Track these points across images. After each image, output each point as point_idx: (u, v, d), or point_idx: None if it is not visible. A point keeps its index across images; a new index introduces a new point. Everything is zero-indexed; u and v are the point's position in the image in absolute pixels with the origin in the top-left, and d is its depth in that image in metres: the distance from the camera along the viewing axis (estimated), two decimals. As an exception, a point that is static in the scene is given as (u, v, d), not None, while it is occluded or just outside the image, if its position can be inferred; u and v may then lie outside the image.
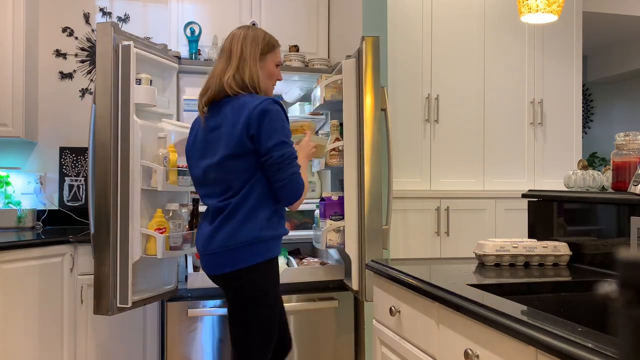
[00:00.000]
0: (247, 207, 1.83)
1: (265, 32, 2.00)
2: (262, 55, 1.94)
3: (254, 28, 2.00)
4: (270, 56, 1.97)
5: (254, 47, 1.93)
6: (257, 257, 1.84)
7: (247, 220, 1.83)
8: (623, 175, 1.68)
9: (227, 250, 1.82)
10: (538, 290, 1.46)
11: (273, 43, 2.00)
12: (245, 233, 1.82)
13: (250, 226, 1.83)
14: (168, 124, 2.47)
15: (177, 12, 3.09)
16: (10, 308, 2.46)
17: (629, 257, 0.46)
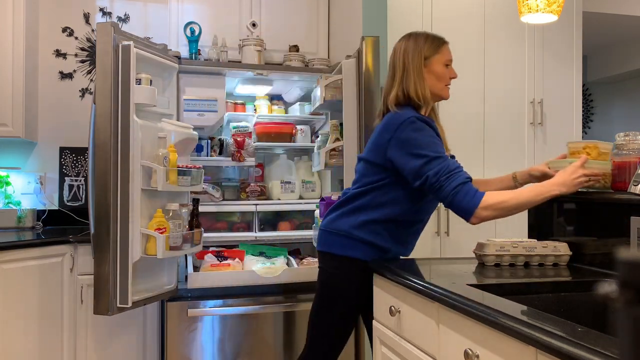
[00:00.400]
0: (358, 202, 1.87)
1: (427, 34, 1.92)
2: (426, 60, 1.88)
3: (415, 35, 1.92)
4: (435, 58, 1.89)
5: (416, 55, 1.87)
6: (339, 248, 1.89)
7: (351, 214, 1.88)
8: (623, 175, 1.68)
9: (326, 231, 1.93)
10: (538, 290, 1.46)
11: (436, 43, 1.91)
12: (343, 223, 1.89)
13: (349, 220, 1.88)
14: (168, 124, 2.47)
15: (177, 12, 3.09)
16: (10, 308, 2.46)
17: (629, 257, 0.46)
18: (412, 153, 1.74)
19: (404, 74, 1.86)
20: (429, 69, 1.88)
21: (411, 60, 1.86)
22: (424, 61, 1.87)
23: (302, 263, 2.84)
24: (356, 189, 1.90)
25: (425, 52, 1.87)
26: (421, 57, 1.87)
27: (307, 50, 3.23)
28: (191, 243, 2.45)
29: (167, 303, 2.59)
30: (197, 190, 2.56)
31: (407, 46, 1.89)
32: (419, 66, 1.86)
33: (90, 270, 2.42)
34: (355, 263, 1.88)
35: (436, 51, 1.89)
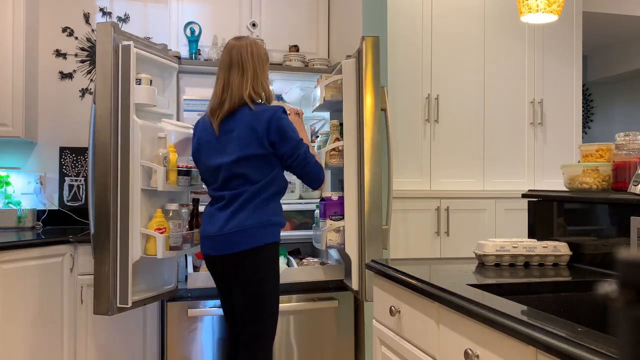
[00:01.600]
0: (263, 196, 2.07)
1: (261, 44, 2.24)
2: (266, 65, 2.19)
3: (251, 41, 2.18)
4: (267, 66, 2.21)
5: (261, 60, 2.16)
6: (266, 238, 2.06)
7: (263, 207, 2.07)
8: (623, 175, 1.68)
9: (243, 229, 2.04)
10: (538, 290, 1.46)
11: (266, 54, 2.24)
12: (260, 216, 2.06)
13: (264, 211, 2.07)
14: (168, 124, 2.47)
15: (177, 12, 3.09)
16: (10, 308, 2.46)
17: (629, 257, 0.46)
18: (289, 137, 2.09)
19: (255, 73, 2.13)
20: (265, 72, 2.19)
21: (258, 61, 2.14)
22: (265, 65, 2.18)
23: (302, 263, 2.84)
24: (255, 185, 2.09)
25: (265, 60, 2.19)
26: (265, 62, 2.19)
27: (307, 50, 3.23)
28: (191, 243, 2.45)
29: (167, 303, 2.59)
30: (197, 190, 2.55)
31: (252, 49, 2.14)
32: (264, 70, 2.17)
33: (90, 270, 2.42)
34: (275, 245, 2.12)
35: (267, 61, 2.22)
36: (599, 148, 1.81)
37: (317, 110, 2.94)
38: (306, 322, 2.74)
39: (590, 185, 1.78)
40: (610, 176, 1.75)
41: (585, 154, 1.85)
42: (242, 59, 2.12)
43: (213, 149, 2.12)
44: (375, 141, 2.44)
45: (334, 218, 2.56)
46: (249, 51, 2.13)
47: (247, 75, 2.11)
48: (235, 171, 2.06)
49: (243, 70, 2.11)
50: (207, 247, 2.11)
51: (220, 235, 2.05)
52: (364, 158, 2.43)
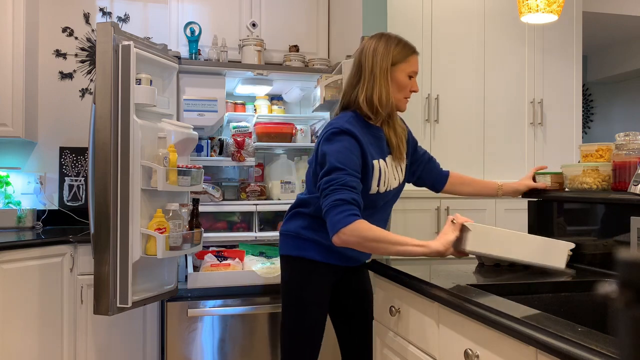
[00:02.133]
0: (305, 206, 1.87)
1: (400, 39, 1.84)
2: (393, 66, 1.80)
3: (387, 37, 1.84)
4: (401, 66, 1.81)
5: (384, 58, 1.79)
6: (291, 249, 1.88)
7: (298, 216, 1.89)
8: (623, 175, 1.68)
9: (281, 234, 1.95)
10: (538, 290, 1.46)
11: (406, 51, 1.82)
12: (292, 225, 1.90)
13: (297, 221, 1.89)
14: (168, 124, 2.47)
15: (177, 12, 3.09)
16: (10, 308, 2.46)
17: (629, 257, 0.46)
18: (322, 162, 1.71)
19: (371, 76, 1.78)
20: (391, 76, 1.80)
21: (380, 62, 1.78)
22: (390, 67, 1.79)
23: (302, 263, 2.84)
24: (306, 194, 1.90)
25: (393, 58, 1.79)
26: (389, 61, 1.78)
27: (307, 50, 3.23)
28: (191, 243, 2.45)
29: (167, 303, 2.59)
30: (197, 190, 2.55)
31: (377, 47, 1.80)
32: (386, 70, 1.78)
33: (90, 270, 2.42)
34: (306, 262, 1.86)
35: (404, 59, 1.81)
36: (599, 148, 1.81)
37: (317, 110, 2.94)
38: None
39: (590, 185, 1.78)
40: (610, 176, 1.75)
41: (585, 154, 1.86)
42: (360, 56, 1.85)
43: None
44: (375, 141, 2.44)
45: (334, 218, 2.55)
46: (372, 48, 1.81)
47: (363, 76, 1.82)
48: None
49: (361, 71, 1.83)
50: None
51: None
52: (364, 158, 2.42)
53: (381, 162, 1.80)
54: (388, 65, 1.78)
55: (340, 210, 1.59)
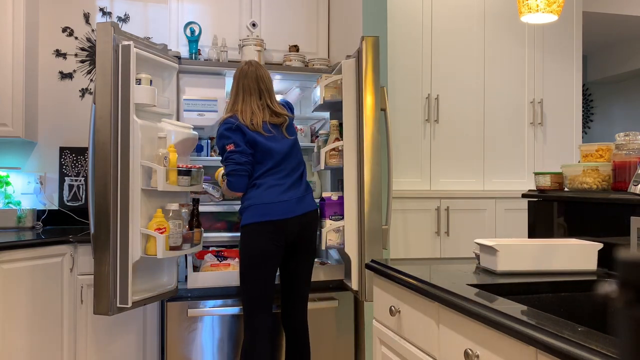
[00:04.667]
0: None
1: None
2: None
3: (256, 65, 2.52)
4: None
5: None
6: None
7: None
8: (623, 175, 1.68)
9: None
10: (538, 290, 1.46)
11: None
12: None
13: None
14: (168, 124, 2.47)
15: (177, 12, 3.09)
16: (10, 308, 2.46)
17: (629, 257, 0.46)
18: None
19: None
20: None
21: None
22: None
23: (302, 263, 2.84)
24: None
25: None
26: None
27: (307, 50, 3.23)
28: (191, 243, 2.45)
29: (167, 303, 2.59)
30: (197, 190, 2.56)
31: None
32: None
33: (90, 270, 2.42)
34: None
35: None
36: (599, 148, 1.81)
37: (317, 110, 2.94)
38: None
39: (590, 185, 1.78)
40: (610, 176, 1.75)
41: (585, 154, 1.86)
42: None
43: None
44: (375, 141, 2.44)
45: (333, 218, 2.56)
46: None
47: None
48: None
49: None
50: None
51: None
52: (364, 158, 2.43)
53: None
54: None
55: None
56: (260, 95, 2.47)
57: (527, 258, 1.59)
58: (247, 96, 2.46)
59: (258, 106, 2.44)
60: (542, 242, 1.64)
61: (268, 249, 2.32)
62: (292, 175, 2.45)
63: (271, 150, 2.40)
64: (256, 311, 2.35)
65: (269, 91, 2.50)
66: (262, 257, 2.32)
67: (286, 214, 2.34)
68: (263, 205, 2.33)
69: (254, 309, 2.35)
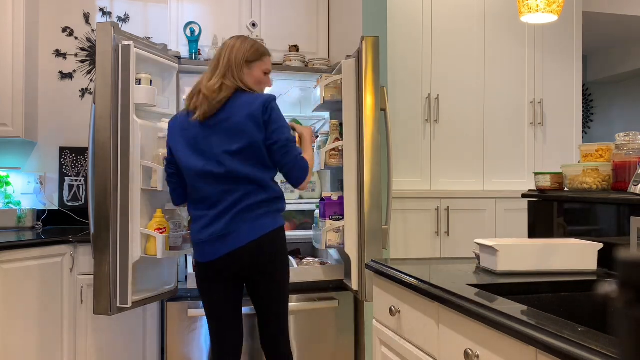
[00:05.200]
0: (266, 189, 2.16)
1: (255, 42, 2.16)
2: (248, 63, 2.09)
3: (244, 38, 2.15)
4: (257, 64, 2.12)
5: (240, 55, 2.09)
6: (279, 221, 2.16)
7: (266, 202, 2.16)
8: (623, 175, 1.68)
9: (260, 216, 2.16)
10: (538, 290, 1.46)
11: (261, 51, 2.14)
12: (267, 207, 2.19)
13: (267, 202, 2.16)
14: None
15: (177, 12, 3.09)
16: (10, 308, 2.46)
17: (629, 257, 0.46)
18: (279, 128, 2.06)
19: (227, 66, 2.05)
20: (249, 72, 2.10)
21: (235, 57, 2.07)
22: (245, 63, 2.08)
23: (302, 263, 2.84)
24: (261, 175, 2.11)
25: (248, 56, 2.09)
26: (244, 57, 2.08)
27: (307, 50, 3.23)
28: (191, 243, 2.45)
29: (167, 303, 2.59)
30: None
31: (234, 44, 2.09)
32: (241, 64, 2.08)
33: (90, 270, 2.42)
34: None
35: (259, 58, 2.12)
36: (599, 148, 1.81)
37: (317, 110, 2.94)
38: (306, 322, 2.74)
39: (590, 185, 1.78)
40: (610, 176, 1.75)
41: (585, 154, 1.86)
42: (220, 52, 2.18)
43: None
44: (375, 141, 2.44)
45: (333, 218, 2.56)
46: (230, 45, 2.15)
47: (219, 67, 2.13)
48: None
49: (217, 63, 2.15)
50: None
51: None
52: (364, 158, 2.43)
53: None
54: (243, 60, 2.09)
55: (304, 161, 2.08)
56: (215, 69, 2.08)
57: (527, 258, 1.59)
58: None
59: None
60: (542, 242, 1.64)
61: (203, 288, 2.12)
62: (221, 202, 1.99)
63: (188, 167, 2.04)
64: (215, 339, 2.17)
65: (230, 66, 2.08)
66: (203, 295, 2.14)
67: (206, 257, 2.02)
68: (194, 244, 2.08)
69: (212, 333, 2.17)
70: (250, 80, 2.08)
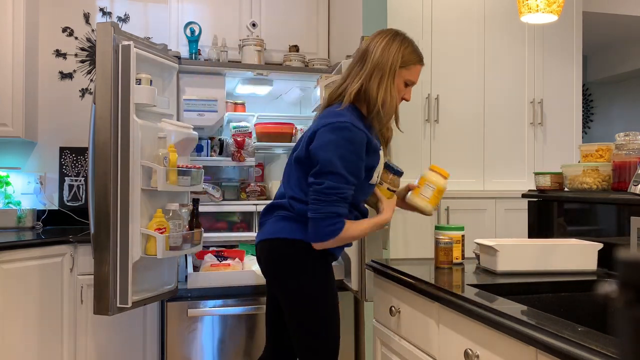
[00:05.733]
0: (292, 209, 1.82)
1: (414, 44, 1.79)
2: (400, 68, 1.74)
3: (402, 37, 1.78)
4: (404, 71, 1.76)
5: (397, 58, 1.72)
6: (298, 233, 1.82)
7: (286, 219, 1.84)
8: (623, 175, 1.68)
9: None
10: (538, 290, 1.46)
11: (415, 58, 1.77)
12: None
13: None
14: (168, 124, 2.47)
15: (177, 12, 3.09)
16: (10, 308, 2.46)
17: (629, 257, 0.46)
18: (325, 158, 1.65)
19: (374, 70, 1.71)
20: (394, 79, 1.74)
21: (390, 59, 1.71)
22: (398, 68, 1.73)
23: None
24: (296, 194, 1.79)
25: (403, 59, 1.73)
26: (398, 62, 1.72)
27: (307, 50, 3.23)
28: (191, 243, 2.45)
29: (167, 303, 2.59)
30: (197, 190, 2.56)
31: (391, 44, 1.73)
32: (394, 70, 1.72)
33: (90, 270, 2.41)
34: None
35: (410, 64, 1.75)
36: (599, 148, 1.81)
37: (317, 110, 2.94)
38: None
39: (590, 185, 1.78)
40: (610, 176, 1.75)
41: (585, 154, 1.86)
42: (368, 48, 1.77)
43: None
44: (375, 141, 2.44)
45: (334, 218, 2.55)
46: (383, 43, 1.74)
47: (365, 69, 1.75)
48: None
49: (364, 62, 1.76)
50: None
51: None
52: (364, 158, 2.42)
53: (381, 152, 1.81)
54: (397, 66, 1.72)
55: (332, 223, 1.65)
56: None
57: (527, 258, 1.59)
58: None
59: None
60: (542, 242, 1.64)
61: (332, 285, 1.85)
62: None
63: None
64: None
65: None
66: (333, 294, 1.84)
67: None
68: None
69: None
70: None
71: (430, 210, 1.88)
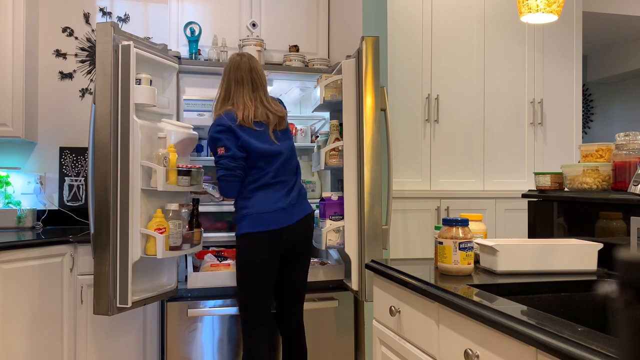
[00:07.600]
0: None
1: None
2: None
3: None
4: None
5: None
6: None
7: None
8: (623, 175, 1.68)
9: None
10: (538, 290, 1.46)
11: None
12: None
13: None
14: (168, 124, 2.47)
15: (177, 12, 3.09)
16: (10, 308, 2.46)
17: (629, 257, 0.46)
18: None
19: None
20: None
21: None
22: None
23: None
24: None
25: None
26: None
27: (307, 50, 3.23)
28: (191, 243, 2.45)
29: (167, 303, 2.59)
30: (197, 190, 2.56)
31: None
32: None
33: (90, 270, 2.42)
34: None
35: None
36: (599, 148, 1.81)
37: (317, 110, 2.94)
38: (306, 322, 2.74)
39: (590, 185, 1.78)
40: (610, 176, 1.75)
41: (585, 154, 1.86)
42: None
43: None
44: (375, 141, 2.44)
45: (333, 218, 2.56)
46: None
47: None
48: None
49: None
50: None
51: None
52: (364, 158, 2.43)
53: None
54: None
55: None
56: (254, 87, 2.33)
57: (527, 258, 1.59)
58: (239, 88, 2.31)
59: (250, 99, 2.31)
60: (542, 242, 1.64)
61: (264, 259, 2.25)
62: (288, 182, 2.35)
63: (266, 153, 2.28)
64: (255, 322, 2.29)
65: (263, 86, 2.37)
66: (258, 267, 2.25)
67: (281, 223, 2.26)
68: (258, 215, 2.24)
69: (253, 319, 2.29)
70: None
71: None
